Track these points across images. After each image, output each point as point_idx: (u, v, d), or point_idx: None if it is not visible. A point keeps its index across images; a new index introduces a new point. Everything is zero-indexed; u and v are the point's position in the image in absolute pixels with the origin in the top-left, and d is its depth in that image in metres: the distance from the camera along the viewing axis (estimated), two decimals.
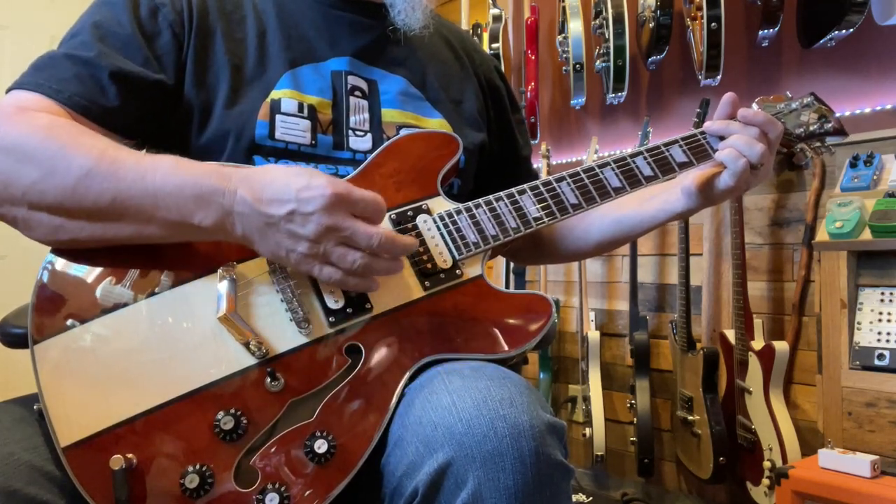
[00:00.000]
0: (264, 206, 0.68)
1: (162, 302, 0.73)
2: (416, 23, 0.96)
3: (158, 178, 0.70)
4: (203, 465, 0.67)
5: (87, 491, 0.65)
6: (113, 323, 0.72)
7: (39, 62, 0.81)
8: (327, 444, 0.68)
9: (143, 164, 0.71)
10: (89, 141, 0.72)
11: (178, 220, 0.70)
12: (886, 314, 1.76)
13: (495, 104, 1.12)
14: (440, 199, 0.87)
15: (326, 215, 0.68)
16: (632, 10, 2.36)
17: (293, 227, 0.68)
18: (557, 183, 0.90)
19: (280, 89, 0.89)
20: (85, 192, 0.69)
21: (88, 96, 0.79)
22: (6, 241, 2.72)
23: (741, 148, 0.89)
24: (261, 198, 0.69)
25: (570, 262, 1.37)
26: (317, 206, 0.68)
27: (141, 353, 0.71)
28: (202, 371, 0.71)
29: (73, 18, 0.89)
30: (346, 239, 0.70)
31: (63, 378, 0.69)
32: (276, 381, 0.71)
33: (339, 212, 0.69)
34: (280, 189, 0.69)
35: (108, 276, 0.73)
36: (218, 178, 0.70)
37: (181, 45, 0.87)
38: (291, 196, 0.68)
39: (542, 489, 0.64)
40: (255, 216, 0.69)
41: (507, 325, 0.79)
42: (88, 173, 0.69)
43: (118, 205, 0.70)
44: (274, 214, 0.68)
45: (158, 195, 0.70)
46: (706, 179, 0.93)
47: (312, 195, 0.68)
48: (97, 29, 0.84)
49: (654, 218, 0.99)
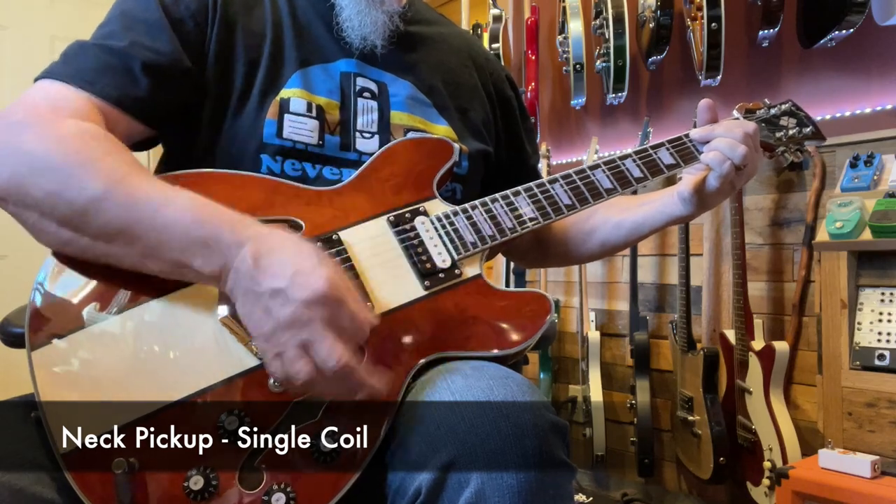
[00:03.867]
0: (258, 274, 0.66)
1: (163, 305, 0.73)
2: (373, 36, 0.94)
3: (170, 214, 0.69)
4: (207, 467, 0.67)
5: (88, 497, 0.65)
6: (112, 327, 0.71)
7: (69, 52, 0.81)
8: (332, 444, 0.68)
9: (159, 197, 0.70)
10: (110, 163, 0.71)
11: (178, 260, 0.69)
12: (887, 314, 1.76)
13: (504, 114, 1.12)
14: (437, 202, 0.88)
15: (305, 309, 0.63)
16: (632, 11, 2.36)
17: (271, 305, 0.64)
18: (551, 184, 0.92)
19: (290, 88, 0.89)
20: (94, 216, 0.69)
21: (120, 86, 0.79)
22: (6, 241, 2.72)
23: (724, 150, 0.94)
24: (259, 264, 0.66)
25: (576, 264, 1.40)
26: (302, 297, 0.63)
27: (142, 357, 0.71)
28: (205, 372, 0.71)
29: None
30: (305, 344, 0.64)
31: (62, 383, 0.69)
32: (278, 383, 0.71)
33: (318, 314, 0.64)
34: (281, 264, 0.66)
35: (110, 279, 0.73)
36: (231, 230, 0.68)
37: (203, 35, 0.87)
38: (287, 275, 0.65)
39: (546, 488, 0.64)
40: (247, 279, 0.66)
41: (507, 324, 0.80)
42: (101, 198, 0.68)
43: (125, 234, 0.69)
44: (262, 285, 0.65)
45: (165, 233, 0.68)
46: (697, 183, 0.97)
47: (306, 283, 0.64)
48: (125, 18, 0.84)
49: (654, 222, 1.02)
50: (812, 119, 1.12)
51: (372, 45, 0.94)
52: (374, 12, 0.93)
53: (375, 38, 0.94)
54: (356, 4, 0.93)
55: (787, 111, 1.11)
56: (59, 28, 3.08)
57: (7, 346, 0.85)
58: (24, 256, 1.53)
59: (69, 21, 3.07)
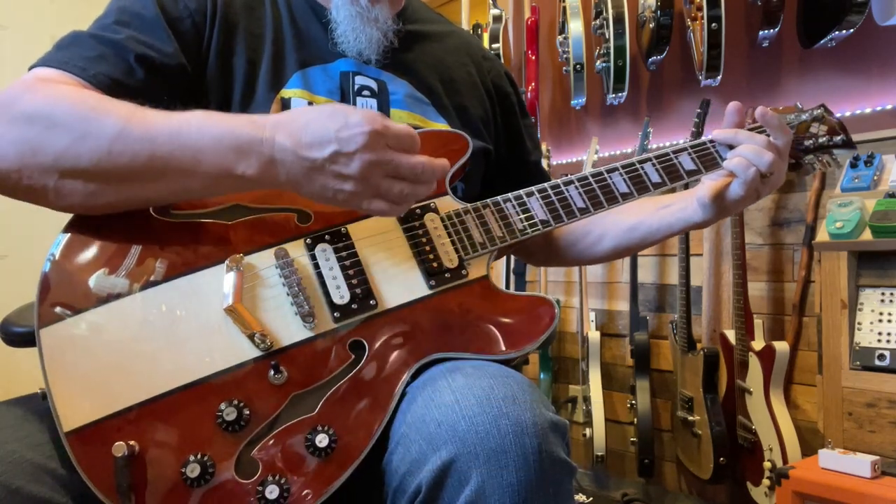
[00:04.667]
0: (305, 151, 0.68)
1: (169, 291, 0.73)
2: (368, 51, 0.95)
3: (194, 132, 0.70)
4: (204, 454, 0.67)
5: (88, 477, 0.65)
6: (119, 310, 0.72)
7: (64, 41, 0.81)
8: (328, 439, 0.69)
9: (175, 119, 0.71)
10: (117, 104, 0.72)
11: (221, 173, 0.70)
12: (887, 314, 1.76)
13: (503, 110, 1.12)
14: (448, 199, 0.87)
15: (369, 152, 0.68)
16: (632, 11, 2.36)
17: (338, 168, 0.68)
18: (566, 186, 0.90)
19: (290, 88, 0.89)
20: (120, 153, 0.69)
21: (114, 75, 0.79)
22: (6, 241, 2.72)
23: (750, 157, 0.89)
24: (300, 142, 0.68)
25: (583, 266, 1.39)
26: (358, 145, 0.67)
27: (146, 342, 0.71)
28: (207, 361, 0.71)
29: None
30: (391, 171, 0.70)
31: (68, 363, 0.69)
32: (280, 373, 0.72)
33: (380, 147, 0.68)
34: (319, 131, 0.68)
35: (117, 264, 0.73)
36: (252, 127, 0.70)
37: (201, 35, 0.88)
38: (332, 137, 0.67)
39: (545, 486, 0.64)
40: (298, 161, 0.69)
41: (511, 327, 0.80)
42: (120, 133, 0.69)
43: (157, 162, 0.69)
44: (317, 158, 0.68)
45: (197, 149, 0.69)
46: (719, 190, 0.93)
47: (352, 133, 0.67)
48: (122, 13, 0.85)
49: (671, 227, 0.99)
50: (844, 126, 1.05)
51: (367, 58, 0.95)
52: (368, 29, 0.93)
53: (370, 53, 0.95)
54: (350, 21, 0.93)
55: (818, 117, 1.04)
56: (59, 28, 3.10)
57: (7, 345, 0.85)
58: (25, 256, 1.53)
59: (69, 21, 3.10)
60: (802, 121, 1.05)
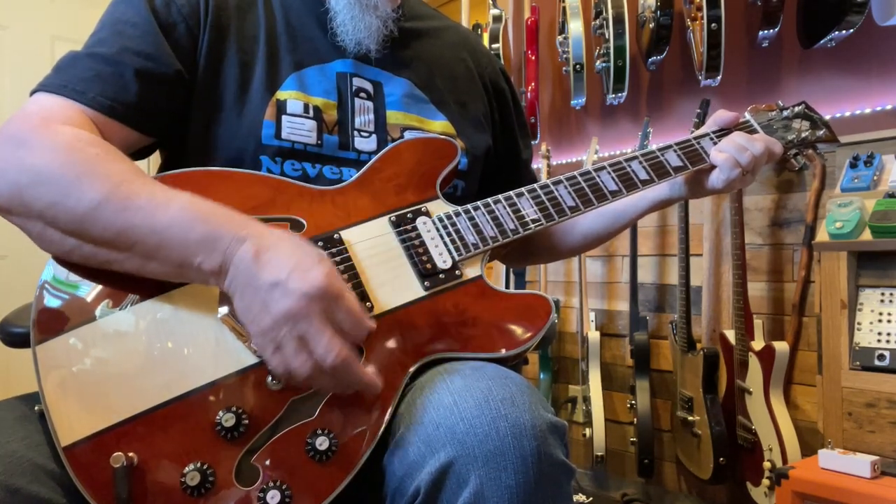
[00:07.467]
0: (258, 269, 0.66)
1: (163, 303, 0.73)
2: (367, 41, 0.94)
3: (168, 216, 0.69)
4: (204, 463, 0.67)
5: (87, 490, 0.65)
6: (114, 324, 0.72)
7: (62, 63, 0.82)
8: (328, 443, 0.69)
9: (157, 199, 0.70)
10: (107, 170, 0.72)
11: (179, 261, 0.69)
12: (886, 314, 1.76)
13: (500, 106, 1.12)
14: (439, 202, 0.88)
15: (303, 302, 0.64)
16: (632, 11, 2.36)
17: (269, 298, 0.65)
18: (555, 186, 0.92)
19: (286, 90, 0.89)
20: (93, 223, 0.69)
21: (111, 95, 0.80)
22: (6, 241, 2.72)
23: (733, 152, 0.97)
24: (259, 259, 0.66)
25: (559, 259, 1.40)
26: (301, 289, 0.64)
27: (141, 355, 0.71)
28: (203, 370, 0.71)
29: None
30: (304, 337, 0.64)
31: (64, 378, 0.69)
32: (277, 379, 0.71)
33: (317, 308, 0.64)
34: (281, 259, 0.66)
35: (111, 278, 0.73)
36: (230, 228, 0.69)
37: (195, 38, 0.87)
38: (286, 269, 0.65)
39: (544, 488, 0.64)
40: (246, 274, 0.66)
41: (507, 326, 0.80)
42: (99, 205, 0.69)
43: (125, 239, 0.69)
44: (261, 279, 0.65)
45: (164, 234, 0.69)
46: (691, 174, 0.99)
47: (304, 277, 0.64)
48: (115, 24, 0.84)
49: (636, 208, 1.04)
50: (826, 121, 1.10)
51: (366, 49, 0.95)
52: (367, 17, 0.93)
53: (370, 42, 0.94)
54: (350, 10, 0.92)
55: (800, 113, 1.10)
56: (60, 28, 3.10)
57: (7, 345, 0.85)
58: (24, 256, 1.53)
59: (69, 21, 3.09)
60: (784, 117, 1.10)
